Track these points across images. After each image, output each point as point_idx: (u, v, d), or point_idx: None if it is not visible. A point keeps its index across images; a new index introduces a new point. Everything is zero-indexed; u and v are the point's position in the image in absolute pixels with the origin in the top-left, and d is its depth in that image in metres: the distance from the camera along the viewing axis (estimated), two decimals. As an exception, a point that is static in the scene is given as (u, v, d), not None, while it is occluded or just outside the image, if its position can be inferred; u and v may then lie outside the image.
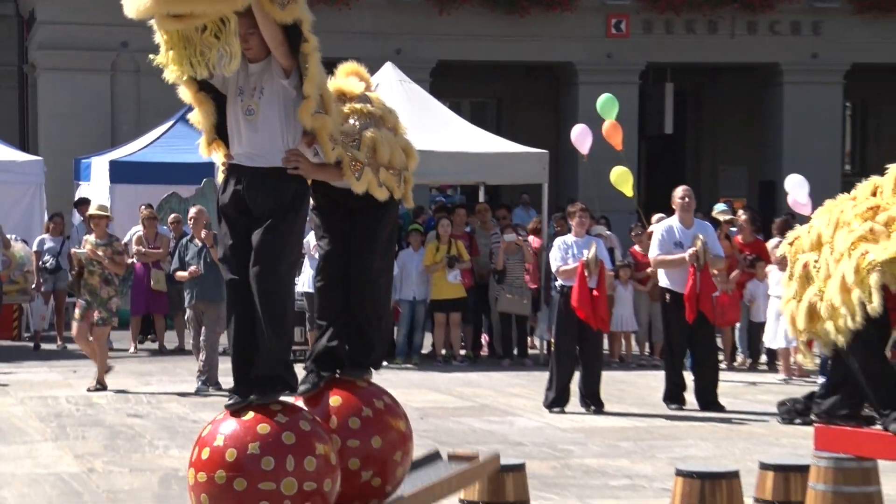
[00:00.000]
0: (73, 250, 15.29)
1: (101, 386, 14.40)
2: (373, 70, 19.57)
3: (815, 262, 8.17)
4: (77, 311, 14.39)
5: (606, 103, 18.65)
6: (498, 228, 17.79)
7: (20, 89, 27.79)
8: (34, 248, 19.07)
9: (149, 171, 20.26)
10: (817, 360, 8.73)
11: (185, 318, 15.45)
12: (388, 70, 18.84)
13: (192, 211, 15.36)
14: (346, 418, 6.88)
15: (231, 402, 6.32)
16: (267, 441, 6.25)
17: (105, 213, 14.92)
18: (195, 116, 6.56)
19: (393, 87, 18.20)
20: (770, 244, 17.82)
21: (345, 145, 6.63)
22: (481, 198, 19.86)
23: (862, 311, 7.83)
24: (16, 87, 27.82)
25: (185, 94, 6.44)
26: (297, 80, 6.35)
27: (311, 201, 6.95)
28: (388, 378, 15.31)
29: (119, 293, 15.11)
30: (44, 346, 18.63)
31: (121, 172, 20.47)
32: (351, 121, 6.81)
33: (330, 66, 7.34)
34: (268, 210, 6.35)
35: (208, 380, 14.29)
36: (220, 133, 6.53)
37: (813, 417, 8.58)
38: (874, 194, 8.07)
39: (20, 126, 27.36)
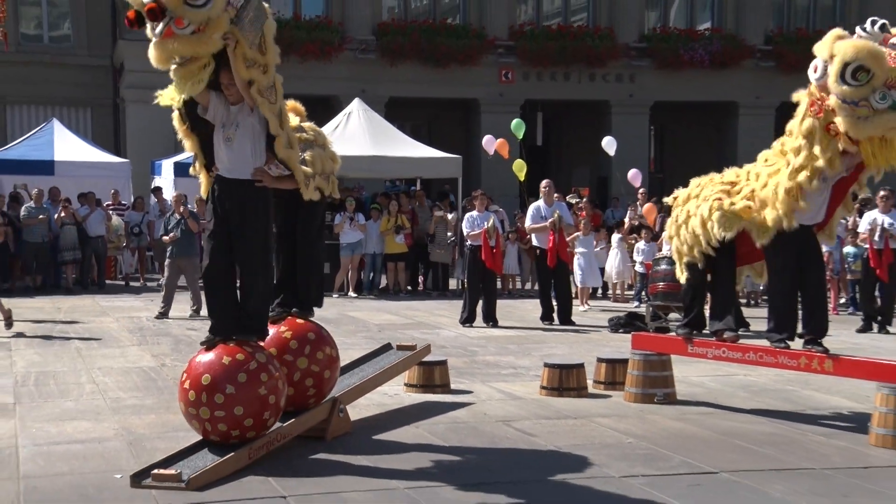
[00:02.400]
0: None
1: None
2: (345, 103, 19.54)
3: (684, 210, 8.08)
4: None
5: (517, 125, 18.58)
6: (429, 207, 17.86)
7: (114, 115, 27.27)
8: (125, 219, 18.80)
9: (200, 169, 19.90)
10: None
11: (165, 264, 14.12)
12: (357, 103, 18.70)
13: (174, 194, 14.39)
14: (298, 345, 6.70)
15: (204, 339, 6.27)
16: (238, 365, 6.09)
17: None
18: (185, 145, 6.46)
19: (360, 115, 18.18)
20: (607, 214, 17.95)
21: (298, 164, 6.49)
22: (418, 187, 19.73)
23: (713, 241, 7.68)
24: (111, 115, 27.30)
25: (177, 127, 6.33)
26: (260, 116, 6.16)
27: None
28: (358, 305, 15.29)
29: None
30: (131, 283, 18.29)
31: (181, 170, 20.06)
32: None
33: (323, 101, 7.20)
34: (235, 209, 6.17)
35: (199, 309, 13.43)
36: (206, 156, 6.36)
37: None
38: (736, 176, 7.93)
39: (115, 139, 26.83)
